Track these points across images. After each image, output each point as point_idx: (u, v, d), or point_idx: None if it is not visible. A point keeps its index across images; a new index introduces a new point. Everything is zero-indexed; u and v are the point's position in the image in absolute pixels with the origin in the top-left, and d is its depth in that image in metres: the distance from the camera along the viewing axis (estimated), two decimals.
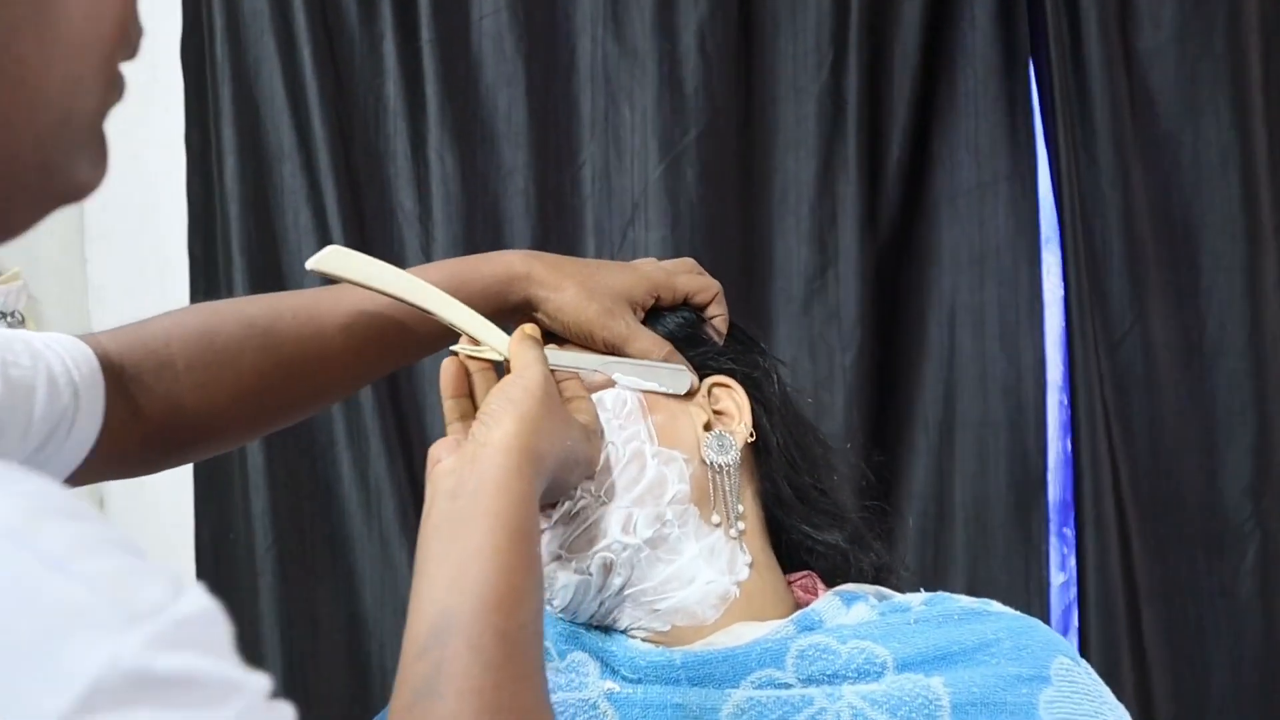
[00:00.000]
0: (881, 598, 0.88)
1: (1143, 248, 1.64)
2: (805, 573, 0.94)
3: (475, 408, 0.82)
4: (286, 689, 1.67)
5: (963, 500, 1.65)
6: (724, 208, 1.62)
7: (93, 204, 1.83)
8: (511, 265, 0.86)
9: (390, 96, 1.65)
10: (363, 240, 1.62)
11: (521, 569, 0.65)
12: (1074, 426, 1.61)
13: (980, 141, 1.64)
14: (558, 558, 0.82)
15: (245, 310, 0.82)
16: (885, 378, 1.64)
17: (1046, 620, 1.64)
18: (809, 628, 0.83)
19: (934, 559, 1.65)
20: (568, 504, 0.81)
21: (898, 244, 1.64)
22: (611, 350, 0.86)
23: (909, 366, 1.66)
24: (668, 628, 0.84)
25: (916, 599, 0.86)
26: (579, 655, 0.84)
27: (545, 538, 0.82)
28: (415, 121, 1.64)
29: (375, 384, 1.63)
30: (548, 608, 0.84)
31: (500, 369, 0.80)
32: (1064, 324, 1.63)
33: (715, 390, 0.89)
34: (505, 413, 0.70)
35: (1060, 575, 1.74)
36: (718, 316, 0.92)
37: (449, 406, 0.82)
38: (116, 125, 0.46)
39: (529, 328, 0.81)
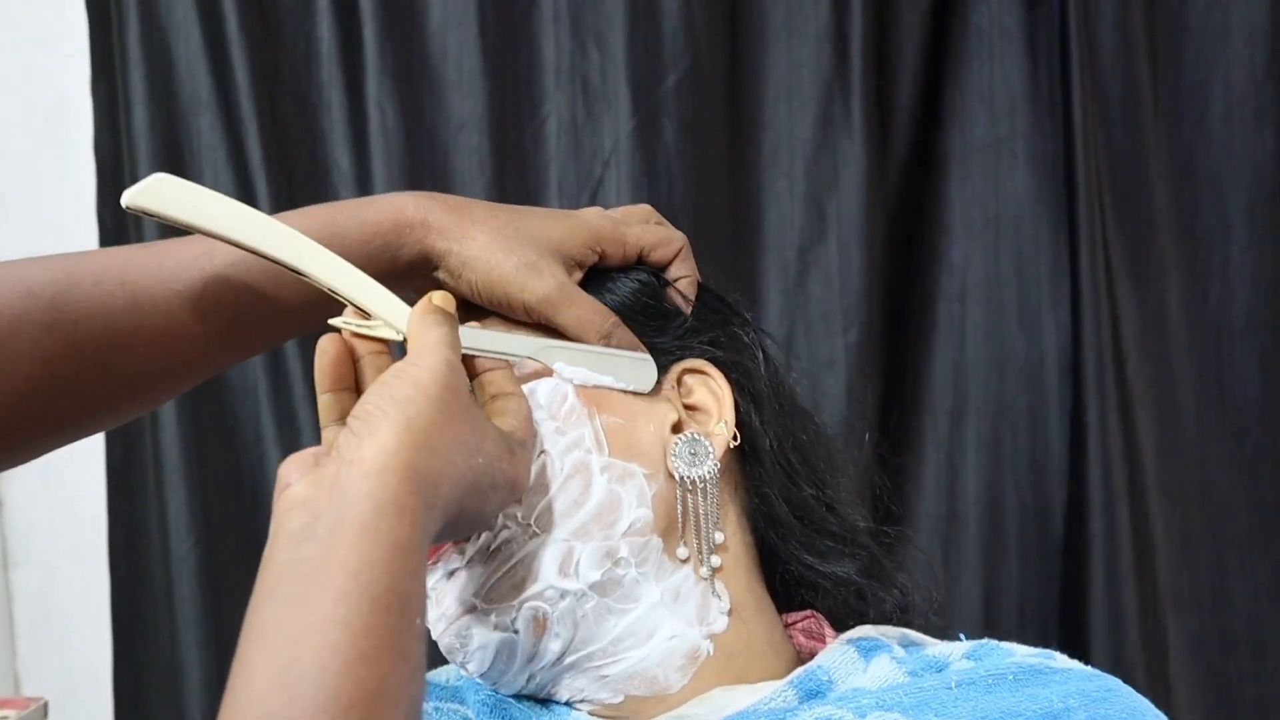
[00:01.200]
0: (909, 646, 0.71)
1: (1166, 209, 1.48)
2: (807, 613, 0.76)
3: None
4: (209, 718, 1.50)
5: (976, 496, 1.48)
6: (707, 167, 1.44)
7: None
8: (401, 210, 0.67)
9: (323, 38, 1.45)
10: (292, 204, 1.42)
11: (389, 658, 0.46)
12: (1080, 409, 1.43)
13: (995, 91, 1.46)
14: (472, 609, 0.64)
15: (27, 276, 0.61)
16: (892, 360, 1.47)
17: (1066, 630, 1.47)
18: (814, 693, 0.65)
19: (944, 562, 1.48)
20: (486, 535, 0.63)
21: (905, 209, 1.47)
22: (534, 320, 0.67)
23: (918, 348, 1.48)
24: (620, 699, 0.66)
25: (957, 649, 0.68)
26: None
27: (451, 584, 0.64)
28: (351, 67, 1.44)
29: (307, 367, 1.44)
30: (462, 671, 0.67)
31: (401, 354, 0.61)
32: (1071, 294, 1.44)
33: (686, 379, 0.71)
34: (385, 418, 0.53)
35: None
36: (683, 278, 0.73)
37: (324, 404, 0.63)
38: (13, 75, 0.27)
39: (439, 296, 0.62)
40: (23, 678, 1.78)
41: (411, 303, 0.62)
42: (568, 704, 0.67)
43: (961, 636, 0.71)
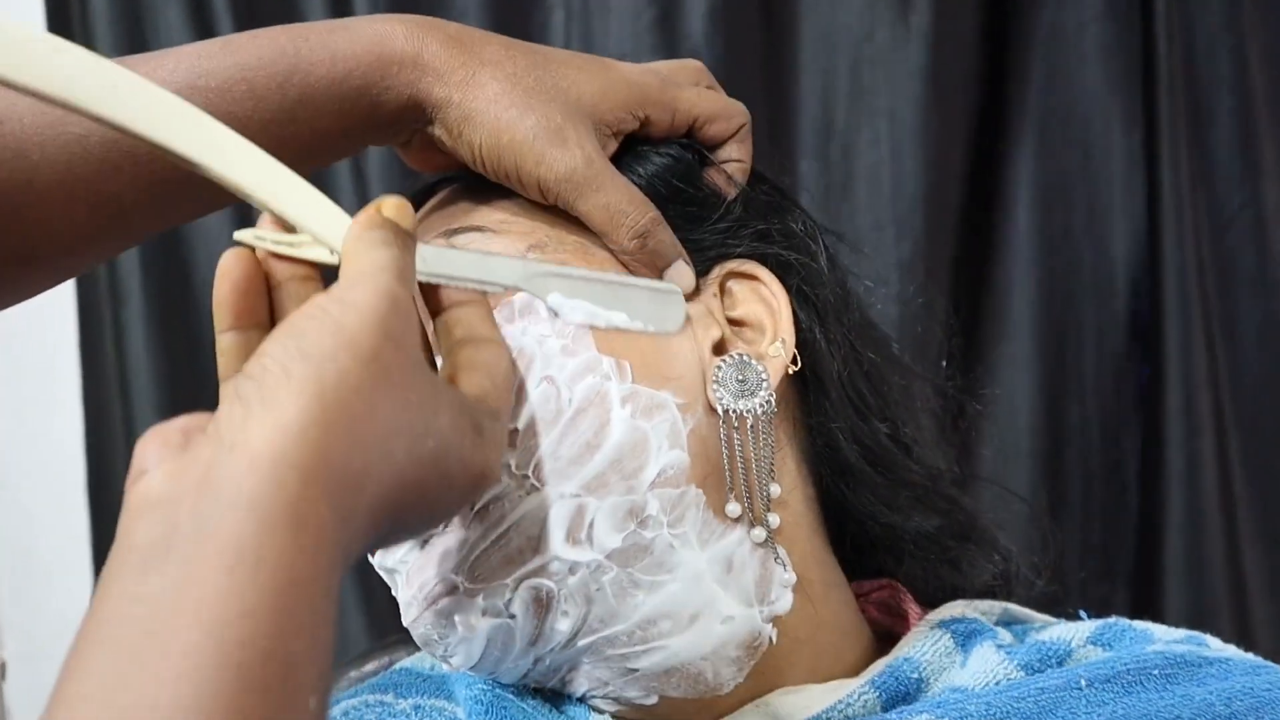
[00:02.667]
0: (1012, 625, 0.58)
1: (1258, 107, 1.31)
2: (883, 581, 0.62)
3: None
4: None
5: (1035, 428, 1.33)
6: (738, 62, 1.28)
7: None
8: (387, 41, 0.52)
9: None
10: None
11: None
12: (1157, 331, 1.29)
13: None
14: (453, 589, 0.50)
15: None
16: (954, 275, 1.32)
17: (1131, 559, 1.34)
18: (901, 694, 0.52)
19: (1001, 490, 1.34)
20: None
21: (962, 105, 1.31)
22: (548, 201, 0.53)
23: (973, 260, 1.33)
24: (653, 699, 0.52)
25: (1079, 632, 0.55)
26: None
27: (426, 556, 0.50)
28: None
29: None
30: (444, 665, 0.56)
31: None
32: (1147, 203, 1.30)
33: (732, 285, 0.56)
34: (288, 380, 0.37)
35: None
36: (736, 163, 0.58)
37: (225, 346, 0.46)
38: None
39: (391, 204, 0.45)
40: (4, 631, 1.69)
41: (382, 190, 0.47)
42: (584, 700, 0.54)
43: (1082, 615, 0.58)
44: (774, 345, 0.55)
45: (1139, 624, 0.56)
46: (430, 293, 0.48)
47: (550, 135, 0.52)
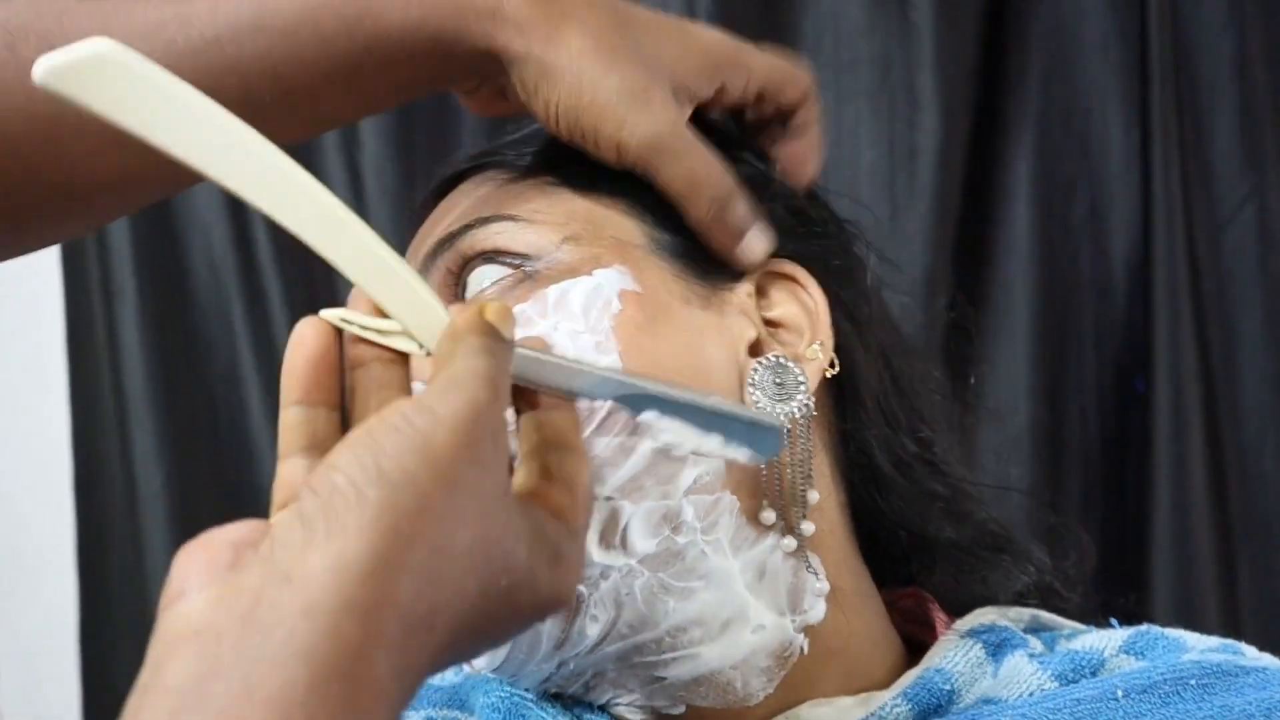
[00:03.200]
0: (1041, 632, 0.56)
1: (1260, 105, 1.30)
2: (908, 590, 0.61)
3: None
4: None
5: (1032, 422, 1.32)
6: None
7: None
8: None
9: None
10: None
11: None
12: (1148, 329, 1.28)
13: None
14: None
15: None
16: (956, 273, 1.31)
17: (1131, 569, 1.34)
18: (933, 706, 0.51)
19: (999, 493, 1.34)
20: None
21: (964, 102, 1.30)
22: (622, 166, 0.50)
23: (970, 256, 1.32)
24: (679, 709, 0.51)
25: (1111, 642, 0.54)
26: None
27: None
28: None
29: (288, 283, 1.33)
30: (465, 666, 0.54)
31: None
32: (1141, 201, 1.28)
33: (768, 285, 0.54)
34: (358, 505, 0.33)
35: None
36: (810, 131, 0.57)
37: (288, 422, 0.41)
38: None
39: (494, 308, 0.41)
40: None
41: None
42: (605, 708, 0.53)
43: (1113, 622, 0.58)
44: (812, 348, 0.53)
45: (1171, 632, 0.55)
46: (517, 393, 0.44)
47: (634, 97, 0.49)
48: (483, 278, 0.52)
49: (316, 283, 1.34)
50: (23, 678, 1.55)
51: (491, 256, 0.52)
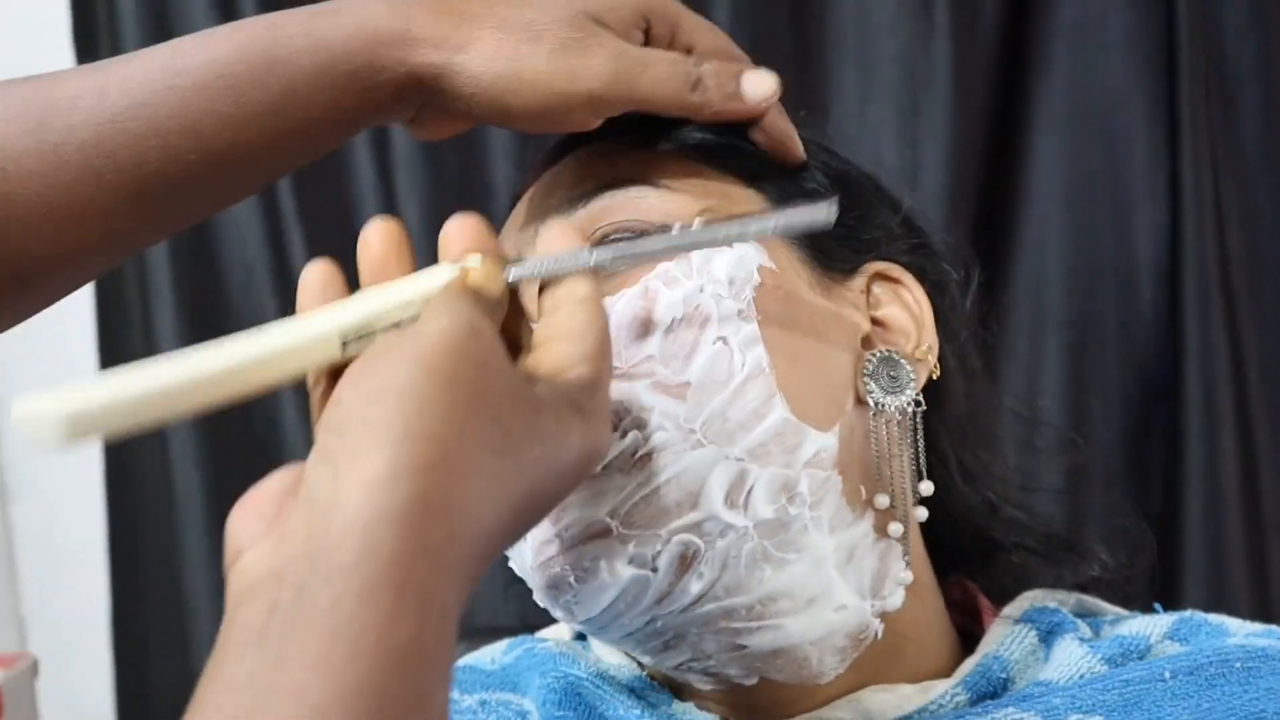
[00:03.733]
0: (1092, 619, 0.58)
1: None
2: (952, 580, 0.62)
3: None
4: None
5: (1059, 419, 1.32)
6: (765, 55, 1.19)
7: None
8: (370, 21, 0.49)
9: None
10: None
11: None
12: (1177, 324, 1.28)
13: None
14: (605, 532, 0.48)
15: None
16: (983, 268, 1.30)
17: (1156, 568, 1.34)
18: (989, 693, 0.52)
19: (1023, 488, 1.33)
20: (633, 436, 0.48)
21: (987, 100, 1.29)
22: (603, 117, 0.51)
23: (995, 254, 1.32)
24: (753, 680, 0.52)
25: (1156, 627, 0.55)
26: None
27: (575, 494, 0.48)
28: None
29: None
30: (562, 615, 0.53)
31: None
32: (1169, 194, 1.28)
33: (875, 286, 0.56)
34: (371, 424, 0.34)
35: None
36: (769, 111, 0.55)
37: (320, 402, 0.43)
38: None
39: (479, 270, 0.42)
40: (29, 624, 1.69)
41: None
42: (679, 670, 0.54)
43: (1157, 608, 0.59)
44: (921, 349, 0.55)
45: (1213, 617, 0.56)
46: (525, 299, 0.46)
47: (569, 50, 0.48)
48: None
49: (354, 289, 1.35)
50: (64, 676, 1.56)
51: (631, 227, 0.52)
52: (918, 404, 0.54)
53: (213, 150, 0.49)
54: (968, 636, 0.59)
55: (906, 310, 0.56)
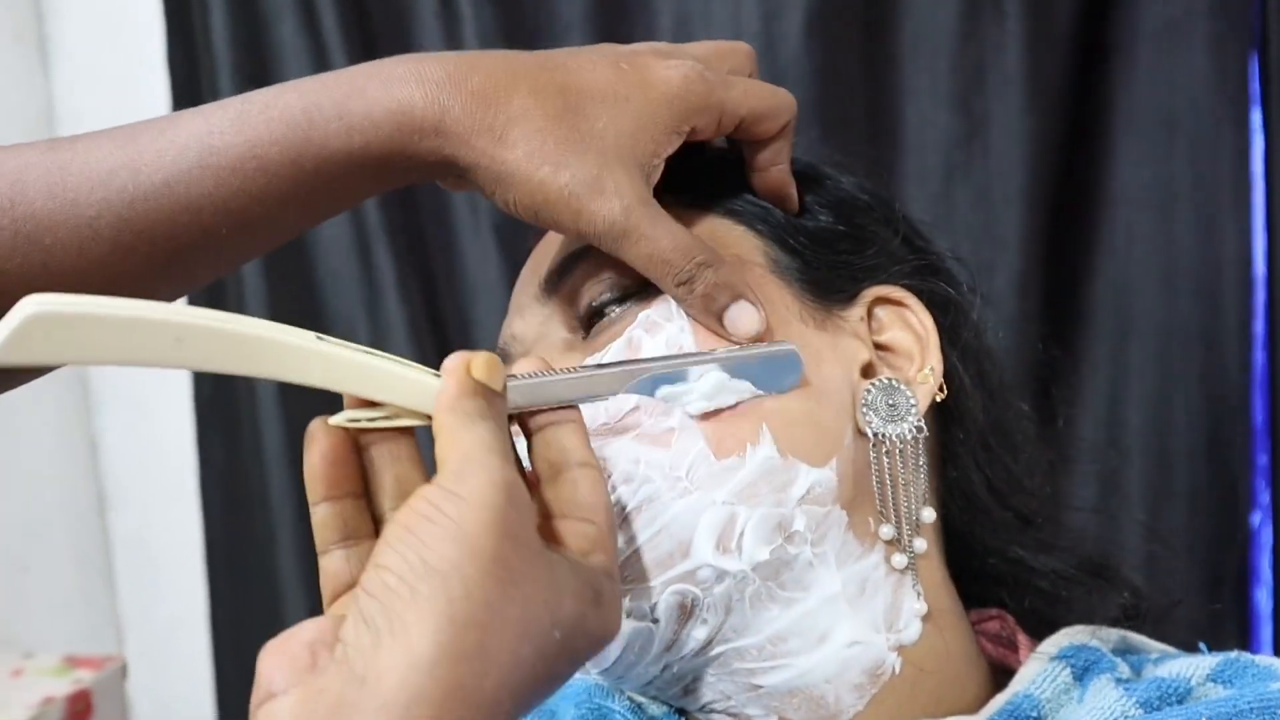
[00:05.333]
0: (1128, 655, 0.56)
1: None
2: (993, 611, 0.61)
3: (374, 524, 0.46)
4: None
5: (1141, 428, 1.31)
6: (838, 63, 1.27)
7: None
8: (406, 109, 0.48)
9: None
10: None
11: None
12: (1268, 329, 1.26)
13: None
14: None
15: None
16: (1048, 277, 1.29)
17: (1242, 578, 1.31)
18: None
19: (1103, 497, 1.31)
20: (623, 489, 0.49)
21: (1065, 104, 1.28)
22: (595, 246, 0.51)
23: (1076, 262, 1.30)
24: (772, 719, 0.52)
25: (1199, 668, 0.53)
26: None
27: None
28: None
29: (408, 295, 1.35)
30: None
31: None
32: (1265, 200, 1.25)
33: (879, 310, 0.56)
34: (415, 602, 0.37)
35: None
36: (776, 170, 0.56)
37: (319, 517, 0.45)
38: None
39: (480, 363, 0.44)
40: (125, 628, 1.74)
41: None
42: (700, 713, 0.54)
43: (1202, 648, 0.56)
44: (923, 372, 0.55)
45: (1263, 659, 0.53)
46: (515, 417, 0.47)
47: (586, 189, 0.49)
48: (609, 299, 0.54)
49: (437, 291, 1.38)
50: (154, 680, 1.60)
51: (612, 282, 0.54)
52: (919, 430, 0.53)
53: (243, 224, 0.49)
54: (1006, 670, 0.58)
55: (910, 332, 0.56)
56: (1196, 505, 1.31)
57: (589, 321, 0.55)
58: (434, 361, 0.44)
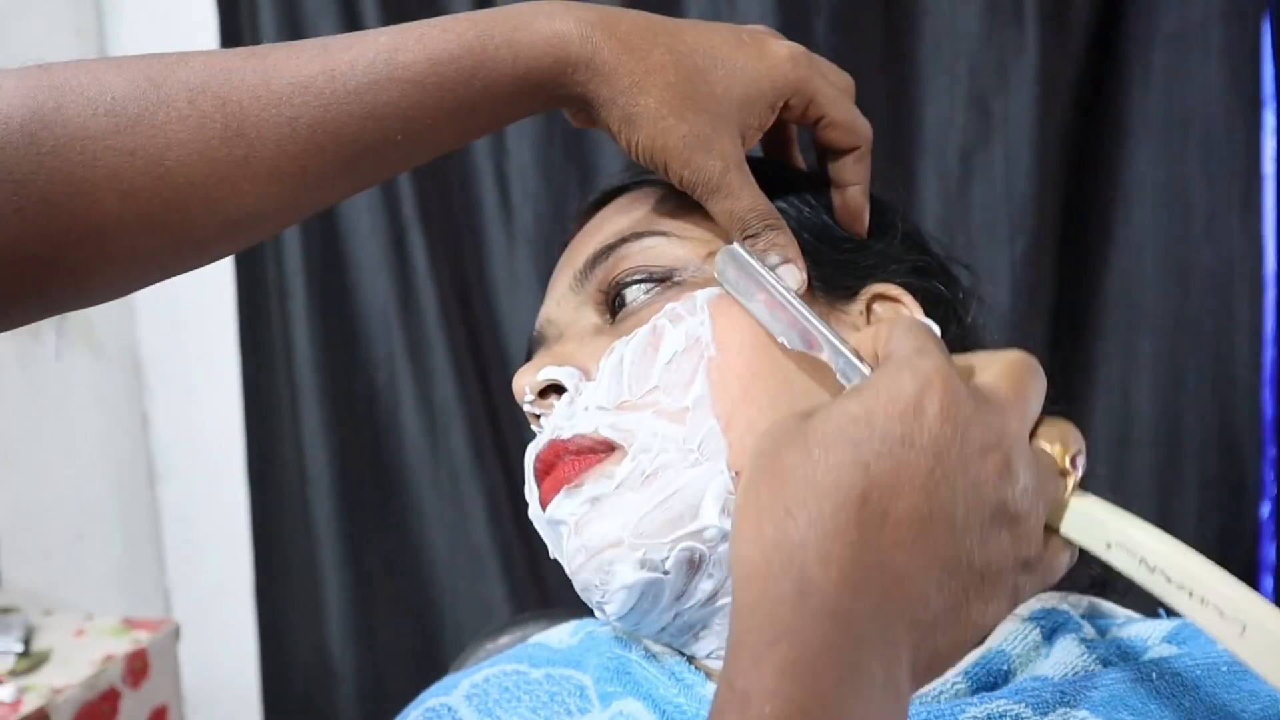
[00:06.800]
0: (1100, 622, 0.60)
1: None
2: None
3: None
4: (348, 639, 1.49)
5: (1152, 421, 1.35)
6: (860, 62, 1.30)
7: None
8: (564, 45, 0.54)
9: None
10: None
11: None
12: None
13: None
14: (618, 543, 0.55)
15: (108, 85, 0.51)
16: (1062, 272, 1.33)
17: (1251, 568, 1.35)
18: (988, 684, 0.55)
19: (1114, 489, 1.35)
20: (643, 458, 0.54)
21: (1079, 106, 1.31)
22: (687, 192, 0.57)
23: (1089, 258, 1.34)
24: None
25: (1155, 631, 0.57)
26: (630, 705, 0.59)
27: (595, 513, 0.55)
28: None
29: (440, 284, 1.41)
30: (598, 613, 0.59)
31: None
32: (1276, 200, 1.30)
33: (877, 307, 0.60)
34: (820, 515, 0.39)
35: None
36: (853, 187, 0.60)
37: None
38: None
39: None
40: (173, 595, 1.81)
41: None
42: (710, 658, 0.59)
43: (1161, 613, 0.60)
44: None
45: None
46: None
47: (698, 144, 0.55)
48: (638, 290, 0.59)
49: (469, 288, 1.44)
50: (202, 644, 1.66)
51: (642, 272, 0.59)
52: None
53: (416, 134, 0.54)
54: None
55: None
56: (1207, 496, 1.35)
57: (615, 305, 0.60)
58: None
